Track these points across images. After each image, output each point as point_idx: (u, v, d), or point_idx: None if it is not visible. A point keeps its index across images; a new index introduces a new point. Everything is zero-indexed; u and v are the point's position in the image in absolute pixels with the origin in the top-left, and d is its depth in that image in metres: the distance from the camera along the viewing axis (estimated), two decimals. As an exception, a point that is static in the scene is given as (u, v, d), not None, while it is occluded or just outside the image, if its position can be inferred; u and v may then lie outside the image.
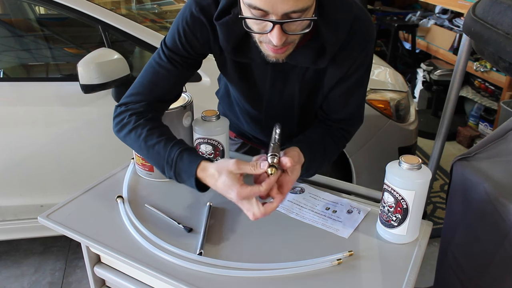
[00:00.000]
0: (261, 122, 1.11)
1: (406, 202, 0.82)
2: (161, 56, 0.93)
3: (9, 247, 2.14)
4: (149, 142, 0.88)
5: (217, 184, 0.80)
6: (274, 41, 0.76)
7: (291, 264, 0.80)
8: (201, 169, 0.82)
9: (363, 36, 0.90)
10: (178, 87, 0.98)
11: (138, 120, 0.90)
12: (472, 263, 1.10)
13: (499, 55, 1.07)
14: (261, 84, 0.99)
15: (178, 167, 0.84)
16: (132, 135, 0.90)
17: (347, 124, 1.02)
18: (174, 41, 0.92)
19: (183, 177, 0.85)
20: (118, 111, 0.94)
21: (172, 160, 0.85)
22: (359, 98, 1.01)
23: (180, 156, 0.85)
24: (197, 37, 0.91)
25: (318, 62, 0.89)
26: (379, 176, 1.09)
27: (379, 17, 4.24)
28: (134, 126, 0.90)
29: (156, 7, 2.60)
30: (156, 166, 0.89)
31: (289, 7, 0.72)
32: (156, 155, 0.87)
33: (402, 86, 2.10)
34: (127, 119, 0.91)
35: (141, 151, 0.90)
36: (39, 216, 0.92)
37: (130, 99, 0.94)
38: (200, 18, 0.89)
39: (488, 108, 3.14)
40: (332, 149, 1.00)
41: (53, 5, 1.69)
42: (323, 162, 0.98)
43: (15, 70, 1.95)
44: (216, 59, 0.99)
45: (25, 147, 1.73)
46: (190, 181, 0.84)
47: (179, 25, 0.91)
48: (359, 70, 0.94)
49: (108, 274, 0.95)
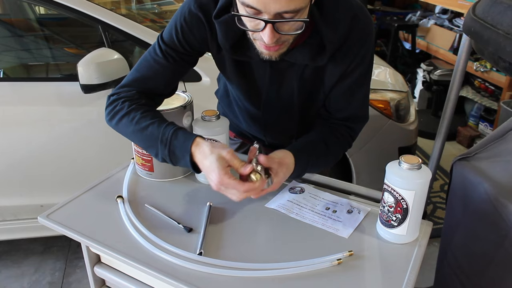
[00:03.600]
0: (260, 121, 1.11)
1: (406, 202, 0.82)
2: (156, 51, 0.94)
3: (9, 247, 2.14)
4: (142, 124, 0.88)
5: (204, 162, 0.82)
6: (266, 39, 0.77)
7: (291, 264, 0.80)
8: (195, 144, 0.84)
9: (361, 33, 0.90)
10: (172, 83, 0.99)
11: (131, 105, 0.91)
12: (472, 263, 1.10)
13: (499, 55, 1.07)
14: (260, 82, 0.99)
15: (172, 145, 0.86)
16: (125, 121, 0.90)
17: (351, 122, 1.03)
18: (171, 37, 0.93)
19: (177, 154, 0.86)
20: (111, 100, 0.94)
21: (166, 139, 0.86)
22: (362, 96, 1.01)
23: (175, 134, 0.86)
24: (194, 33, 0.92)
25: (318, 60, 0.89)
26: (379, 176, 1.09)
27: (379, 17, 4.24)
28: (127, 111, 0.90)
29: (156, 7, 2.60)
30: (149, 148, 0.90)
31: (281, 7, 0.73)
32: (149, 136, 0.88)
33: (402, 86, 2.10)
34: (120, 106, 0.91)
35: (133, 134, 0.90)
36: (39, 216, 0.92)
37: (123, 90, 0.95)
38: (198, 15, 0.89)
39: (488, 108, 3.14)
40: (336, 147, 1.01)
41: (53, 5, 1.69)
42: (326, 160, 0.99)
43: (15, 70, 1.95)
44: (214, 57, 0.99)
45: (25, 147, 1.73)
46: (184, 159, 0.85)
47: (177, 21, 0.92)
48: (360, 67, 0.94)
49: (108, 274, 0.95)
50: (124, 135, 0.93)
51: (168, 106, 1.01)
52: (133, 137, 0.92)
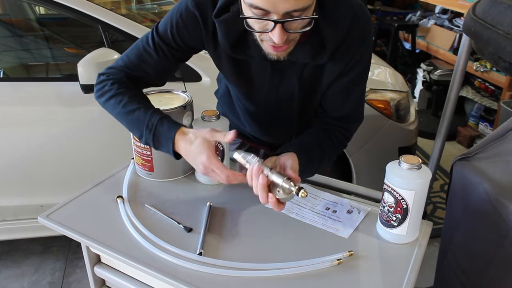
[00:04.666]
0: (261, 120, 1.11)
1: (406, 202, 0.82)
2: (149, 42, 0.96)
3: (9, 247, 2.14)
4: (129, 107, 0.92)
5: (191, 148, 0.85)
6: (276, 40, 0.77)
7: (291, 264, 0.80)
8: (180, 133, 0.88)
9: (361, 32, 0.90)
10: (160, 75, 1.02)
11: (119, 88, 0.94)
12: (472, 263, 1.10)
13: (499, 55, 1.07)
14: (260, 80, 1.00)
15: (157, 131, 0.89)
16: (112, 101, 0.94)
17: (346, 122, 1.03)
18: (165, 30, 0.95)
19: (161, 141, 0.89)
20: (100, 79, 0.98)
21: (152, 124, 0.89)
22: (358, 96, 1.01)
23: (161, 121, 0.89)
24: (189, 30, 0.93)
25: (318, 58, 0.90)
26: (379, 176, 1.09)
27: (379, 17, 4.24)
28: (115, 93, 0.94)
29: (156, 7, 2.60)
30: (134, 131, 0.93)
31: (290, 6, 0.73)
32: (135, 120, 0.91)
33: (402, 86, 2.10)
34: (108, 87, 0.95)
35: (120, 116, 0.94)
36: (39, 216, 0.92)
37: (113, 71, 0.98)
38: (194, 13, 0.91)
39: (488, 108, 3.14)
40: (330, 150, 1.00)
41: (53, 5, 1.69)
42: (321, 163, 0.99)
43: (15, 70, 1.95)
44: (211, 56, 1.00)
45: (25, 147, 1.73)
46: (167, 145, 0.88)
47: (173, 16, 0.94)
48: (357, 66, 0.94)
49: (108, 274, 0.95)
50: (111, 113, 0.97)
51: (168, 106, 1.02)
52: (119, 118, 0.95)
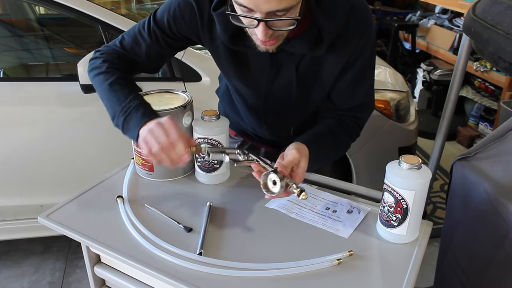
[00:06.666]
0: (260, 114, 1.12)
1: (406, 202, 0.82)
2: (145, 25, 1.00)
3: (9, 247, 2.14)
4: (114, 87, 0.95)
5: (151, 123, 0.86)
6: (259, 36, 0.81)
7: (291, 264, 0.80)
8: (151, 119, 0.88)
9: (359, 23, 0.92)
10: (153, 60, 1.04)
11: (109, 68, 0.98)
12: (472, 263, 1.10)
13: (499, 55, 1.07)
14: (259, 71, 1.01)
15: (130, 115, 0.91)
16: (100, 77, 0.98)
17: (358, 111, 1.05)
18: (162, 17, 0.98)
19: (130, 124, 0.90)
20: (96, 55, 1.02)
21: (129, 107, 0.91)
22: (367, 87, 1.03)
23: (137, 107, 0.91)
24: (185, 20, 0.96)
25: (315, 50, 0.91)
26: (379, 176, 1.09)
27: (379, 17, 4.24)
28: (104, 71, 0.98)
29: (156, 7, 2.60)
30: (110, 109, 0.95)
31: (273, 6, 0.76)
32: (115, 99, 0.94)
33: (402, 86, 2.10)
34: (99, 64, 0.99)
35: (103, 92, 0.97)
36: (39, 216, 0.92)
37: (108, 50, 1.02)
38: (192, 4, 0.94)
39: (488, 108, 3.14)
40: (343, 137, 1.03)
41: (53, 5, 1.69)
42: (336, 150, 1.03)
43: (15, 70, 1.95)
44: (208, 48, 1.02)
45: (25, 147, 1.73)
46: (134, 129, 0.89)
47: (171, 4, 0.97)
48: (361, 58, 0.95)
49: (108, 274, 0.95)
50: (96, 89, 1.00)
51: (168, 106, 1.01)
52: (102, 94, 0.98)
